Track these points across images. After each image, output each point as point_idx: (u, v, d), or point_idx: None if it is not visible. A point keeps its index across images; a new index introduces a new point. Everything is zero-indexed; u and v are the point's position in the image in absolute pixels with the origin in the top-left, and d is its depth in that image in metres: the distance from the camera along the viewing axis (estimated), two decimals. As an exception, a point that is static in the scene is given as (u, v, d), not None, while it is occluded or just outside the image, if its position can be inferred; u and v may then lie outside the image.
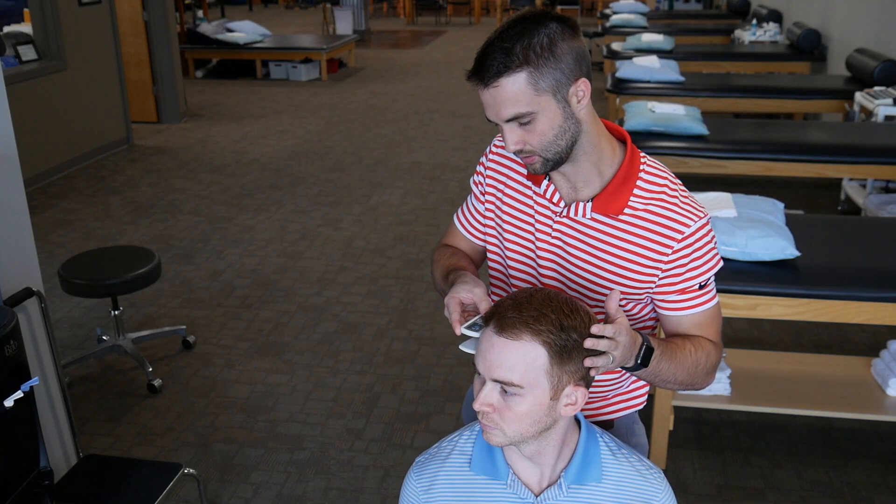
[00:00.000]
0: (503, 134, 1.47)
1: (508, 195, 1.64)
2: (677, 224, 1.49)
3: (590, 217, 1.52)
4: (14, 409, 2.10)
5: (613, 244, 1.52)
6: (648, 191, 1.51)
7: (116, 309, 3.75)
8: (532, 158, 1.47)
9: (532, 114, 1.41)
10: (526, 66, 1.38)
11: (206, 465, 3.09)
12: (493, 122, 1.47)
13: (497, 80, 1.39)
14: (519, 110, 1.40)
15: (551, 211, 1.57)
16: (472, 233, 1.76)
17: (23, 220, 2.60)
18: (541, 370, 1.29)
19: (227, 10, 17.58)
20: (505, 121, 1.43)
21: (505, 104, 1.41)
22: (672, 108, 4.79)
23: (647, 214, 1.50)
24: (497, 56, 1.38)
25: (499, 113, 1.42)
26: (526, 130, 1.43)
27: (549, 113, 1.42)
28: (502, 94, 1.40)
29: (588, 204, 1.52)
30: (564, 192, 1.56)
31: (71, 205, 6.00)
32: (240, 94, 9.92)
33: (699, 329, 1.55)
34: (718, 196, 3.16)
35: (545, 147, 1.45)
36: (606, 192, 1.51)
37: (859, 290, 2.75)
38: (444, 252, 1.75)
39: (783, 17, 9.10)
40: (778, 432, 3.25)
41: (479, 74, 1.40)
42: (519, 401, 1.31)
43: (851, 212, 5.45)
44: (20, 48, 6.46)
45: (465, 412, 1.91)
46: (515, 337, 1.29)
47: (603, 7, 14.37)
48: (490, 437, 1.35)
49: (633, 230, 1.51)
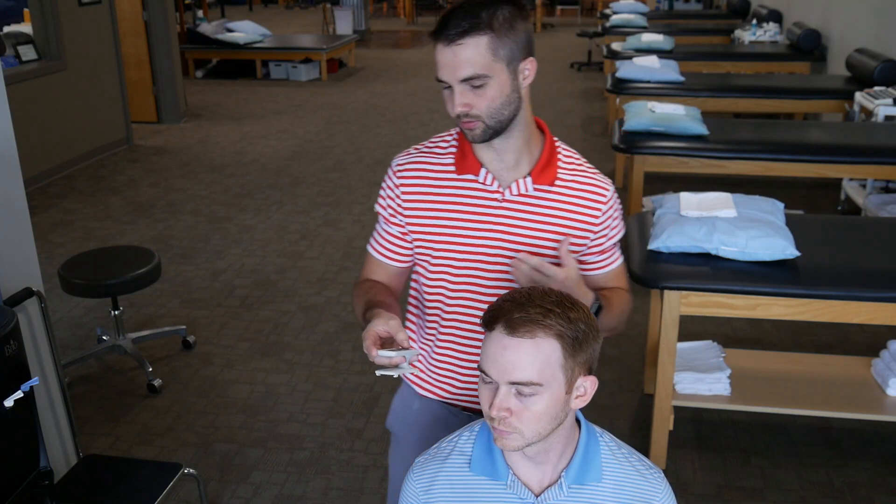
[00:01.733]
0: (452, 95, 1.52)
1: (432, 204, 1.64)
2: (601, 189, 1.66)
3: (533, 189, 1.62)
4: (14, 409, 2.10)
5: (554, 213, 1.63)
6: (569, 164, 1.67)
7: (116, 309, 3.75)
8: (475, 124, 1.53)
9: (486, 77, 1.49)
10: (489, 31, 1.47)
11: (206, 465, 3.09)
12: (443, 83, 1.52)
13: (462, 39, 1.47)
14: (476, 71, 1.48)
15: (491, 198, 1.62)
16: (395, 259, 1.73)
17: (23, 220, 2.60)
18: (556, 365, 1.30)
19: (227, 10, 17.58)
20: (460, 80, 1.50)
21: (464, 64, 1.48)
22: (672, 108, 4.79)
23: (574, 184, 1.65)
24: (464, 17, 1.47)
25: (456, 72, 1.49)
26: (476, 94, 1.51)
27: (500, 80, 1.51)
28: (463, 53, 1.47)
29: (528, 178, 1.62)
30: (500, 176, 1.62)
31: (71, 205, 6.01)
32: (240, 94, 9.92)
33: (616, 282, 1.76)
34: (718, 196, 3.16)
35: (491, 113, 1.52)
36: (540, 165, 1.63)
37: (859, 290, 2.75)
38: (361, 288, 1.72)
39: (783, 17, 9.10)
40: (778, 432, 3.25)
41: (445, 32, 1.48)
42: (537, 400, 1.31)
43: (851, 212, 5.45)
44: (20, 48, 6.46)
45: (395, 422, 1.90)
46: (530, 335, 1.28)
47: (603, 7, 14.37)
48: (506, 443, 1.33)
49: (566, 198, 1.64)
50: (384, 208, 1.71)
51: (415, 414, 1.82)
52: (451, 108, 1.54)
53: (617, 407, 3.42)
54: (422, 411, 1.81)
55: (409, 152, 1.71)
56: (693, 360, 3.22)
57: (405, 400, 1.84)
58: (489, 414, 1.32)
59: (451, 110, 1.54)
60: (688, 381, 3.09)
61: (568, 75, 10.93)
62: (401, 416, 1.86)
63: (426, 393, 1.79)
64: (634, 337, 3.97)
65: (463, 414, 1.77)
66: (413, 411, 1.82)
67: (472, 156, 1.64)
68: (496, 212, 1.62)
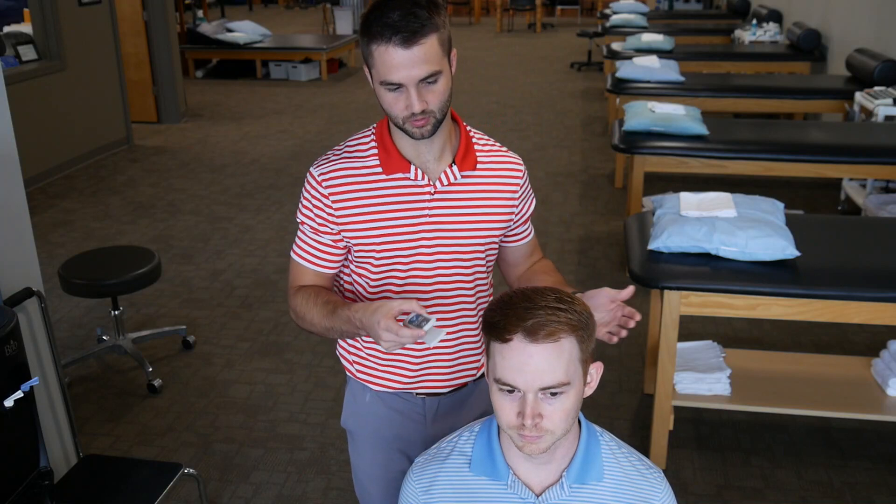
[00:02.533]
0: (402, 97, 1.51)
1: (367, 209, 1.64)
2: (516, 165, 1.75)
3: (461, 177, 1.66)
4: (14, 409, 2.10)
5: (482, 195, 1.69)
6: (483, 146, 1.73)
7: (116, 309, 3.75)
8: (427, 120, 1.54)
9: (439, 73, 1.52)
10: (437, 29, 1.50)
11: (206, 465, 3.09)
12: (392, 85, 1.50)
13: (421, 39, 1.47)
14: (433, 69, 1.50)
15: (424, 192, 1.64)
16: (326, 266, 1.71)
17: (23, 220, 2.60)
18: (577, 360, 1.32)
19: (227, 10, 17.57)
20: (419, 80, 1.50)
21: (423, 63, 1.49)
22: (672, 108, 4.79)
23: (492, 164, 1.71)
24: (415, 18, 1.47)
25: (415, 72, 1.49)
26: (429, 90, 1.52)
27: (446, 74, 1.54)
28: (422, 53, 1.48)
29: (454, 166, 1.66)
30: (428, 169, 1.65)
31: (71, 205, 6.01)
32: (240, 94, 9.92)
33: (537, 251, 1.90)
34: (718, 196, 3.16)
35: (441, 107, 1.55)
36: (461, 153, 1.67)
37: (859, 290, 2.75)
38: (301, 297, 1.68)
39: (783, 17, 9.10)
40: (778, 432, 3.25)
41: (398, 33, 1.46)
42: (565, 398, 1.32)
43: (851, 212, 5.45)
44: (20, 48, 6.46)
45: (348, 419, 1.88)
46: (553, 338, 1.29)
47: (603, 7, 14.37)
48: (536, 447, 1.33)
49: (489, 179, 1.70)
50: (311, 218, 1.68)
51: (367, 406, 1.82)
52: (399, 108, 1.52)
53: (617, 407, 3.42)
54: (373, 403, 1.82)
55: (329, 159, 1.68)
56: (693, 360, 3.22)
57: (356, 395, 1.84)
58: (520, 423, 1.31)
59: (401, 110, 1.52)
60: (688, 381, 3.09)
61: (568, 75, 10.93)
62: (353, 412, 1.86)
63: (380, 388, 1.79)
64: (634, 337, 3.97)
65: (418, 398, 1.79)
66: (365, 404, 1.82)
67: (397, 154, 1.64)
68: (430, 205, 1.65)
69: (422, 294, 1.69)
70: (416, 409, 1.80)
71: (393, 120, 1.57)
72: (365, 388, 1.81)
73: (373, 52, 1.51)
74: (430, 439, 1.75)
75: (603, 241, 5.19)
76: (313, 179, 1.67)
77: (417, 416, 1.80)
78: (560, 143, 7.44)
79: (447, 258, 1.68)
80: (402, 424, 1.81)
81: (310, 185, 1.68)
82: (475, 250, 1.71)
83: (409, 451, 1.82)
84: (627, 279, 2.90)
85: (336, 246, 1.69)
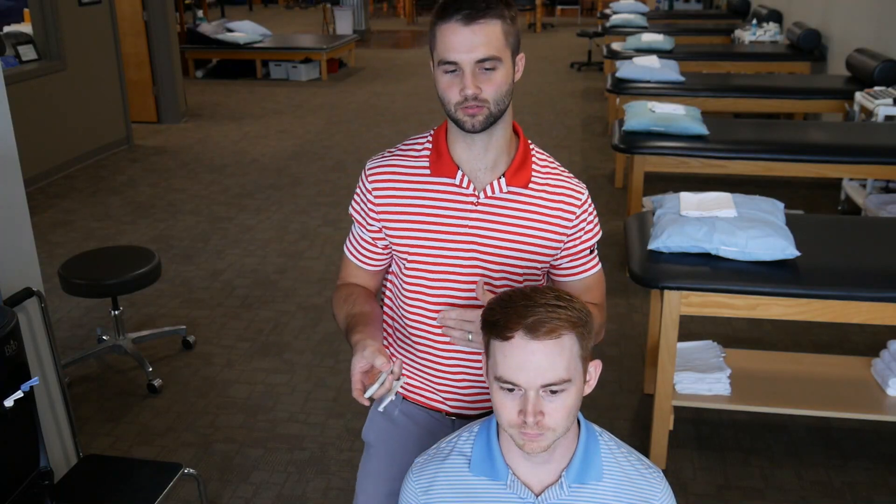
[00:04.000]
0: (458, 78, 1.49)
1: (405, 208, 1.63)
2: (575, 192, 1.66)
3: (507, 191, 1.61)
4: (14, 409, 2.10)
5: (527, 215, 1.62)
6: (542, 167, 1.66)
7: (116, 309, 3.75)
8: (480, 109, 1.51)
9: (498, 60, 1.49)
10: (504, 17, 1.49)
11: (206, 465, 3.09)
12: (451, 64, 1.48)
13: (483, 19, 1.46)
14: (492, 53, 1.47)
15: (467, 201, 1.61)
16: (370, 262, 1.73)
17: (23, 220, 2.60)
18: (577, 356, 1.32)
19: (227, 10, 17.58)
20: (477, 60, 1.47)
21: (482, 44, 1.46)
22: (672, 108, 4.79)
23: (547, 186, 1.64)
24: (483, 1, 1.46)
25: (474, 51, 1.47)
26: (486, 77, 1.49)
27: (506, 67, 1.51)
28: (483, 32, 1.46)
29: (502, 178, 1.61)
30: (476, 178, 1.61)
31: (71, 205, 6.01)
32: (240, 94, 9.92)
33: (589, 292, 1.71)
34: (718, 196, 3.16)
35: (497, 99, 1.51)
36: (514, 166, 1.61)
37: (859, 290, 2.75)
38: (341, 295, 1.72)
39: (783, 17, 9.10)
40: (778, 432, 3.25)
41: (462, 10, 1.46)
42: (566, 395, 1.32)
43: (851, 212, 5.45)
44: (20, 48, 6.46)
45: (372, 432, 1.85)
46: (555, 335, 1.29)
47: (603, 7, 14.37)
48: (537, 445, 1.33)
49: (540, 201, 1.63)
50: (357, 212, 1.70)
51: (394, 420, 1.78)
52: (454, 92, 1.50)
53: (617, 407, 3.42)
54: (402, 418, 1.78)
55: (384, 155, 1.69)
56: (693, 360, 3.22)
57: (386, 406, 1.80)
58: (521, 421, 1.31)
59: (455, 95, 1.50)
60: (688, 381, 3.09)
61: (568, 75, 10.93)
62: (378, 425, 1.81)
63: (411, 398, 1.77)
64: (634, 337, 3.97)
65: (447, 419, 1.76)
66: (393, 419, 1.79)
67: (448, 157, 1.62)
68: (471, 215, 1.61)
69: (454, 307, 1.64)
70: (445, 430, 1.74)
71: (447, 108, 1.53)
72: (395, 402, 1.77)
73: (436, 32, 1.50)
74: None
75: (603, 241, 5.16)
76: (363, 174, 1.69)
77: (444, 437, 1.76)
78: (560, 143, 7.44)
79: (481, 273, 1.62)
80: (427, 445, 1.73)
81: (360, 180, 1.70)
82: (511, 271, 1.64)
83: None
84: (627, 279, 2.90)
85: (376, 244, 1.69)
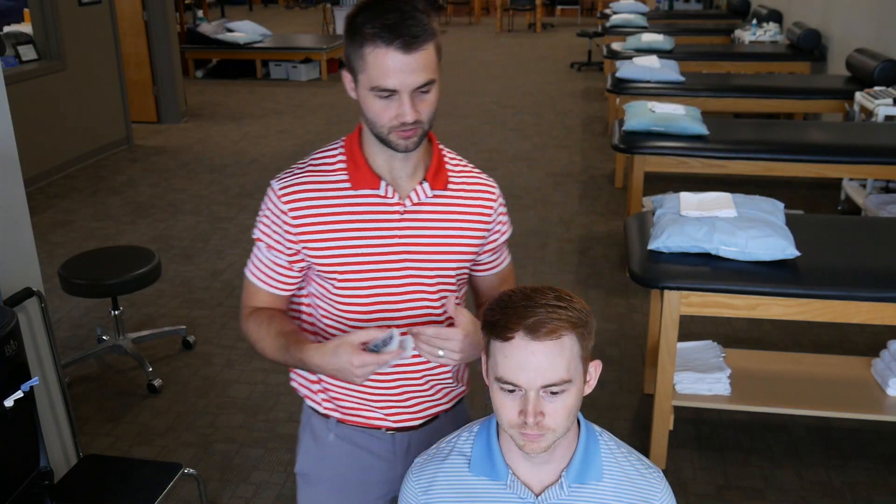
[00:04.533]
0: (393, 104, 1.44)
1: (330, 226, 1.55)
2: (489, 188, 1.67)
3: (431, 195, 1.59)
4: (14, 409, 2.10)
5: (452, 216, 1.61)
6: (455, 166, 1.65)
7: (116, 309, 3.75)
8: (415, 131, 1.48)
9: (433, 82, 1.47)
10: (435, 36, 1.46)
11: (206, 465, 3.09)
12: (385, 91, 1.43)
13: (423, 46, 1.43)
14: (430, 76, 1.45)
15: (393, 210, 1.57)
16: (282, 287, 1.63)
17: (23, 220, 2.60)
18: (577, 357, 1.32)
19: (227, 10, 17.57)
20: (417, 87, 1.44)
21: (422, 70, 1.43)
22: (672, 108, 4.79)
23: (464, 185, 1.64)
24: (418, 23, 1.42)
25: (415, 78, 1.43)
26: (422, 100, 1.47)
27: (438, 83, 1.49)
28: (422, 58, 1.43)
29: (425, 183, 1.59)
30: (398, 186, 1.58)
31: (71, 205, 6.01)
32: (240, 94, 9.92)
33: (505, 283, 1.74)
34: (718, 196, 3.16)
35: (430, 119, 1.50)
36: (432, 170, 1.60)
37: (859, 290, 2.75)
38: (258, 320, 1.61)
39: (783, 17, 9.10)
40: (778, 432, 3.25)
41: (405, 38, 1.41)
42: (566, 396, 1.32)
43: (851, 212, 5.45)
44: (20, 48, 6.46)
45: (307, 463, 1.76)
46: (556, 335, 1.29)
47: (603, 7, 14.37)
48: (538, 446, 1.33)
49: (461, 200, 1.63)
50: (268, 235, 1.59)
51: (331, 447, 1.71)
52: (387, 116, 1.45)
53: (617, 407, 3.42)
54: (338, 443, 1.70)
55: (293, 173, 1.59)
56: (693, 360, 3.22)
57: (317, 435, 1.72)
58: (521, 422, 1.31)
59: (389, 119, 1.45)
60: (688, 381, 3.09)
61: (568, 75, 10.93)
62: (314, 455, 1.73)
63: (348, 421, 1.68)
64: (634, 337, 3.97)
65: (387, 434, 1.70)
66: (328, 445, 1.71)
67: (368, 168, 1.56)
68: (399, 224, 1.57)
69: (388, 321, 1.60)
70: (386, 446, 1.70)
71: (377, 129, 1.49)
72: (329, 426, 1.70)
73: (365, 56, 1.43)
74: (398, 480, 1.65)
75: (603, 241, 5.19)
76: (273, 194, 1.58)
77: (387, 453, 1.71)
78: (560, 143, 7.44)
79: (416, 280, 1.59)
80: (369, 465, 1.71)
81: (269, 201, 1.59)
82: (445, 274, 1.62)
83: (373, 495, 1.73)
84: (627, 279, 2.90)
85: (292, 267, 1.60)
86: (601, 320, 4.10)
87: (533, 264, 4.84)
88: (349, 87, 1.52)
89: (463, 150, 7.22)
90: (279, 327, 1.58)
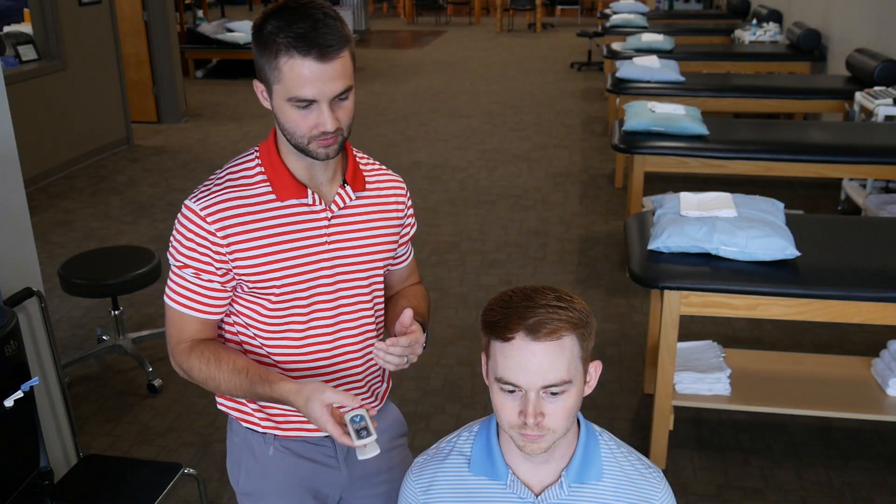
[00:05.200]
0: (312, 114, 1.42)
1: (262, 240, 1.52)
2: (398, 183, 1.71)
3: (355, 198, 1.60)
4: (14, 409, 2.10)
5: (373, 216, 1.63)
6: (366, 165, 1.67)
7: (116, 309, 3.75)
8: (335, 139, 1.46)
9: (351, 89, 1.46)
10: (349, 42, 1.44)
11: (206, 465, 3.09)
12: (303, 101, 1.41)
13: (339, 54, 1.41)
14: (348, 83, 1.44)
15: (320, 217, 1.56)
16: (215, 312, 1.57)
17: (23, 220, 2.60)
18: (577, 357, 1.32)
19: (227, 10, 17.57)
20: (335, 95, 1.43)
21: (340, 77, 1.42)
22: (672, 108, 4.79)
23: (378, 183, 1.66)
24: (332, 31, 1.40)
25: (333, 87, 1.41)
26: (340, 107, 1.45)
27: (354, 90, 1.47)
28: (339, 66, 1.41)
29: (347, 187, 1.59)
30: (321, 192, 1.57)
31: (71, 205, 6.01)
32: (240, 94, 9.92)
33: (413, 274, 1.84)
34: (718, 196, 3.16)
35: (349, 124, 1.49)
36: (350, 173, 1.60)
37: (859, 290, 2.75)
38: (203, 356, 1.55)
39: (783, 17, 9.10)
40: (778, 432, 3.25)
41: (321, 48, 1.38)
42: (566, 396, 1.32)
43: (851, 212, 5.45)
44: (20, 48, 6.46)
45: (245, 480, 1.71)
46: (556, 336, 1.28)
47: (603, 7, 14.37)
48: (538, 447, 1.33)
49: (378, 199, 1.65)
50: (195, 259, 1.51)
51: (271, 462, 1.67)
52: (306, 126, 1.43)
53: (617, 407, 3.42)
54: (279, 457, 1.67)
55: (211, 191, 1.52)
56: (693, 360, 3.22)
57: (255, 452, 1.67)
58: (521, 422, 1.31)
59: (308, 129, 1.44)
60: (688, 381, 3.09)
61: (568, 75, 10.93)
62: (254, 471, 1.68)
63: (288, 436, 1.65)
64: (634, 337, 3.97)
65: (328, 441, 1.67)
66: (269, 459, 1.67)
67: (290, 177, 1.53)
68: (328, 230, 1.56)
69: (325, 325, 1.60)
70: (328, 452, 1.68)
71: (296, 140, 1.46)
72: (267, 441, 1.66)
73: (280, 66, 1.39)
74: (348, 483, 1.69)
75: (603, 241, 5.19)
76: (194, 215, 1.50)
77: (329, 460, 1.69)
78: (560, 143, 7.44)
79: (348, 284, 1.60)
80: (313, 474, 1.68)
81: (189, 222, 1.51)
82: (374, 273, 1.64)
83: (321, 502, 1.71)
84: (627, 279, 2.90)
85: (225, 288, 1.55)
86: (601, 320, 4.10)
87: (533, 264, 4.84)
88: (262, 97, 1.50)
89: (463, 149, 7.23)
90: (231, 364, 1.53)
